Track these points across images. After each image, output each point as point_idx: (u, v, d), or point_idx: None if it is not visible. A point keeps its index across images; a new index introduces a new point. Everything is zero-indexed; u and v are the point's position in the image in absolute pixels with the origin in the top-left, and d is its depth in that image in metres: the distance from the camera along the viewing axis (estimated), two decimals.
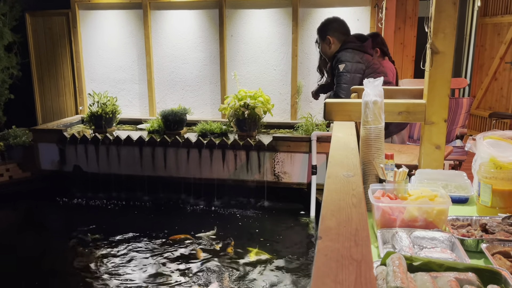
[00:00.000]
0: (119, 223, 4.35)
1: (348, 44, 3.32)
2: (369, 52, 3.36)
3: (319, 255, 0.77)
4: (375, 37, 3.50)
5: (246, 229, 4.15)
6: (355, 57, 3.25)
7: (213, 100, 5.44)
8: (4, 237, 4.17)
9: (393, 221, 1.49)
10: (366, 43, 3.36)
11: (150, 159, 4.79)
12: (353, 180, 1.18)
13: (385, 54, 3.55)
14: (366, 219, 0.93)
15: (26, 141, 4.91)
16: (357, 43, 3.33)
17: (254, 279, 3.24)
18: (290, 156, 4.54)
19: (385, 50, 3.56)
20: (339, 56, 3.29)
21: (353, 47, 3.30)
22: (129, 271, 3.39)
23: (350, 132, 1.79)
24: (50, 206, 4.78)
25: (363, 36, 3.45)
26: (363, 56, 3.28)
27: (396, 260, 1.12)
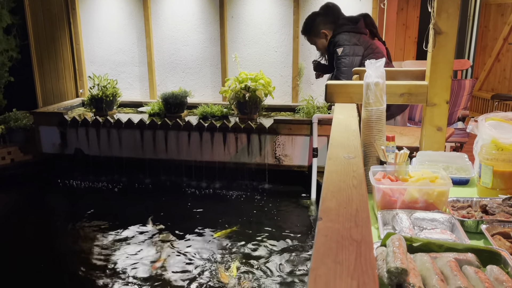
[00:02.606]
0: (121, 205, 4.37)
1: (343, 27, 3.29)
2: (364, 31, 3.32)
3: (319, 235, 0.78)
4: (365, 18, 3.45)
5: (247, 211, 4.18)
6: (352, 39, 3.21)
7: (214, 83, 5.41)
8: (6, 219, 4.21)
9: (394, 202, 1.49)
10: (359, 23, 3.32)
11: (151, 142, 4.79)
12: (354, 161, 1.18)
13: (375, 35, 3.50)
14: (366, 200, 0.94)
15: (27, 124, 4.91)
16: (350, 25, 3.30)
17: (255, 260, 3.28)
18: (291, 139, 4.53)
19: (375, 31, 3.51)
20: (336, 39, 3.25)
21: (348, 30, 3.26)
22: (131, 253, 3.42)
23: (351, 114, 1.78)
24: (52, 189, 4.81)
25: (355, 17, 3.41)
26: (360, 37, 3.25)
27: (396, 241, 1.13)
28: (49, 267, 3.30)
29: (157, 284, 2.99)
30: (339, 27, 3.29)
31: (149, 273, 3.12)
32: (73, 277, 3.17)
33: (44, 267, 3.29)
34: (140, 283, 3.01)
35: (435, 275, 1.04)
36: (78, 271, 3.20)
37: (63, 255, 3.52)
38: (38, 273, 3.22)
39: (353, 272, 0.66)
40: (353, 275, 0.66)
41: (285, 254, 3.35)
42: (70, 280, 3.14)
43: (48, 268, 3.29)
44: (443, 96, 2.03)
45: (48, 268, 3.29)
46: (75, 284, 3.06)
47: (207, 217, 3.98)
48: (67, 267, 3.33)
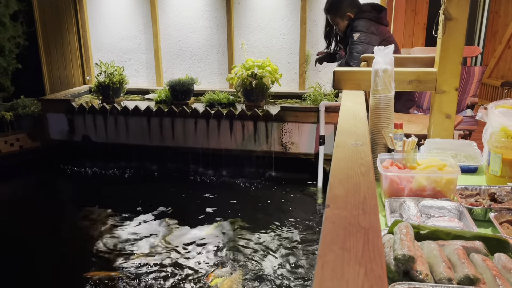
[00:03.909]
0: (128, 192, 4.41)
1: (364, 13, 3.24)
2: (384, 23, 3.28)
3: (326, 222, 0.78)
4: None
5: (254, 199, 4.19)
6: (370, 27, 3.18)
7: (221, 70, 5.39)
8: (15, 205, 4.26)
9: (401, 190, 1.49)
10: (382, 14, 3.27)
11: (158, 129, 4.80)
12: (361, 149, 1.17)
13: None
14: (374, 187, 0.93)
15: (35, 111, 4.93)
16: (373, 13, 3.25)
17: (261, 248, 3.30)
18: (298, 126, 4.52)
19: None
20: (355, 24, 3.21)
21: (369, 17, 3.22)
22: (137, 239, 3.46)
23: (359, 101, 1.77)
24: (60, 175, 4.85)
25: (379, 6, 3.36)
26: (378, 27, 3.21)
27: (403, 229, 1.13)
28: (56, 252, 3.34)
29: (161, 270, 3.02)
30: (361, 13, 3.24)
31: (153, 259, 3.16)
32: (79, 262, 3.21)
33: (52, 252, 3.34)
34: (145, 269, 3.04)
35: (442, 262, 1.04)
36: (84, 256, 3.24)
37: (70, 239, 3.57)
38: (45, 257, 3.27)
39: (361, 259, 0.66)
40: (361, 262, 0.66)
41: (291, 241, 3.37)
42: (77, 264, 3.19)
43: (55, 252, 3.34)
44: (452, 83, 2.00)
45: (55, 253, 3.33)
46: (81, 268, 3.10)
47: (213, 205, 4.00)
48: (74, 251, 3.37)
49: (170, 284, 2.86)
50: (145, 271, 3.01)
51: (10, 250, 3.40)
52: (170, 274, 2.98)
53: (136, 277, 2.94)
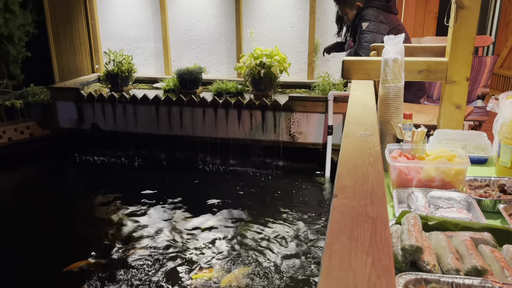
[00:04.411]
0: (136, 180, 4.44)
1: (372, 2, 3.20)
2: (394, 11, 3.24)
3: (334, 212, 0.78)
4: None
5: (261, 188, 4.21)
6: (379, 16, 3.14)
7: (229, 59, 5.37)
8: (25, 192, 4.32)
9: (410, 181, 1.48)
10: (391, 2, 3.23)
11: (166, 118, 4.81)
12: (370, 139, 1.17)
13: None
14: (382, 178, 0.93)
15: (45, 99, 4.97)
16: (382, 2, 3.21)
17: (269, 237, 3.32)
18: (306, 116, 4.50)
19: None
20: (364, 13, 3.18)
21: (378, 6, 3.18)
22: (144, 227, 3.49)
23: (368, 91, 1.76)
24: (69, 163, 4.90)
25: None
26: (387, 16, 3.17)
27: (411, 219, 1.13)
28: (65, 238, 3.39)
29: (166, 258, 3.05)
30: (370, 1, 3.21)
31: (159, 247, 3.19)
32: (85, 247, 3.26)
33: (61, 238, 3.39)
34: (150, 256, 3.08)
35: (450, 253, 1.04)
36: (93, 242, 3.28)
37: (77, 225, 3.62)
38: (52, 242, 3.32)
39: (368, 249, 0.66)
40: (368, 252, 0.66)
41: (298, 231, 3.38)
42: (83, 249, 3.23)
43: (64, 239, 3.39)
44: (463, 73, 1.97)
45: (64, 240, 3.38)
46: (87, 252, 3.15)
47: (221, 194, 4.02)
48: (82, 238, 3.42)
49: (174, 273, 2.89)
50: (150, 258, 3.05)
51: (19, 235, 3.45)
52: (175, 262, 3.01)
53: (141, 263, 2.98)
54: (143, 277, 2.84)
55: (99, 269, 2.93)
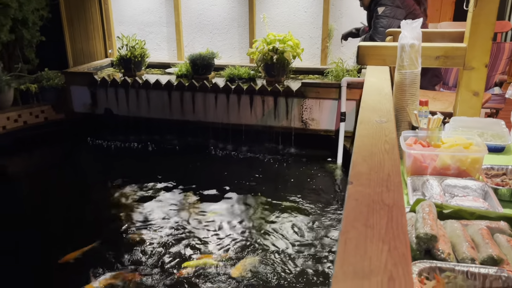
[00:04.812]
0: (148, 165, 4.47)
1: None
2: None
3: (349, 199, 0.77)
4: None
5: (273, 175, 4.21)
6: (395, 1, 3.08)
7: (241, 44, 5.33)
8: (39, 176, 4.38)
9: (425, 168, 1.46)
10: None
11: (179, 104, 4.82)
12: (386, 126, 1.15)
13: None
14: (398, 165, 0.92)
15: (59, 84, 5.00)
16: None
17: (280, 224, 3.32)
18: (319, 102, 4.47)
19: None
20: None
21: None
22: (155, 211, 3.52)
23: (383, 77, 1.73)
24: (83, 147, 4.95)
25: None
26: (404, 1, 3.11)
27: (426, 207, 1.12)
28: (78, 223, 3.44)
29: (176, 242, 3.08)
30: None
31: (173, 233, 3.22)
32: (97, 228, 3.32)
33: (74, 222, 3.44)
34: (161, 239, 3.11)
35: (465, 242, 1.03)
36: (104, 225, 3.33)
37: (91, 208, 3.67)
38: (65, 224, 3.38)
39: (384, 236, 0.66)
40: (384, 239, 0.65)
41: (310, 218, 3.38)
42: (95, 230, 3.29)
43: (76, 220, 3.43)
44: (482, 59, 1.93)
45: (75, 221, 3.43)
46: (99, 233, 3.20)
47: (232, 180, 4.03)
48: (94, 220, 3.47)
49: (181, 257, 2.91)
50: (159, 243, 3.08)
51: (33, 216, 3.52)
52: (183, 247, 3.02)
53: (150, 247, 3.01)
54: (151, 261, 2.86)
55: (108, 252, 2.98)
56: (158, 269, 2.79)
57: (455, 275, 0.95)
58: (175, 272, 2.73)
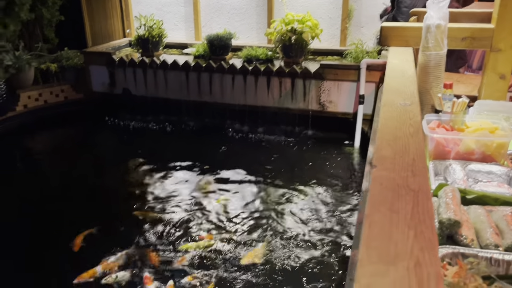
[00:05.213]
0: (165, 146, 4.51)
1: None
2: None
3: (374, 183, 0.76)
4: None
5: (289, 157, 4.20)
6: None
7: (259, 25, 5.26)
8: (58, 154, 4.46)
9: (447, 153, 1.44)
10: None
11: (196, 84, 4.81)
12: (410, 109, 1.13)
13: None
14: (423, 149, 0.90)
15: (78, 63, 5.04)
16: None
17: (296, 207, 3.33)
18: (337, 84, 4.41)
19: None
20: None
21: None
22: (170, 192, 3.55)
23: (407, 58, 1.69)
24: (101, 127, 5.01)
25: None
26: None
27: (449, 192, 1.10)
28: (96, 201, 3.51)
29: (190, 220, 3.12)
30: None
31: (187, 213, 3.25)
32: (116, 203, 3.40)
33: (91, 201, 3.50)
34: (176, 216, 3.15)
35: (489, 228, 1.01)
36: (121, 204, 3.39)
37: (109, 186, 3.74)
38: (85, 200, 3.45)
39: (410, 222, 0.65)
40: (410, 224, 0.64)
41: (326, 202, 3.37)
42: (114, 205, 3.38)
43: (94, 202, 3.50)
44: (509, 41, 1.86)
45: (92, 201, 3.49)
46: (116, 208, 3.27)
47: (248, 162, 4.03)
48: (111, 200, 3.54)
49: (193, 237, 2.94)
50: (174, 221, 3.12)
51: (55, 194, 3.60)
52: (199, 226, 3.06)
53: (161, 227, 3.06)
54: (161, 240, 2.89)
55: (121, 229, 3.06)
56: (167, 249, 2.82)
57: (478, 261, 0.94)
58: (180, 254, 2.75)
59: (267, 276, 2.55)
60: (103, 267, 2.62)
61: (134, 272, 2.60)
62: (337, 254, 2.75)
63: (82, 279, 2.52)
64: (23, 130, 4.72)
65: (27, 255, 2.81)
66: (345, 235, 2.94)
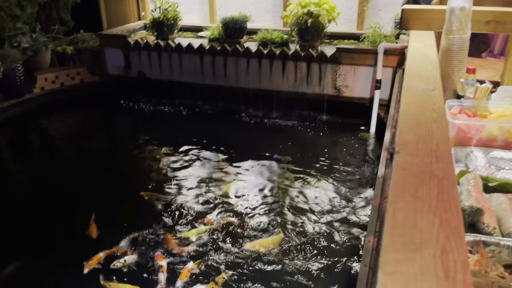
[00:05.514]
0: (179, 129, 4.52)
1: None
2: None
3: (397, 169, 0.74)
4: None
5: (303, 142, 4.17)
6: None
7: (275, 7, 5.19)
8: (75, 137, 4.52)
9: (469, 139, 1.41)
10: None
11: (211, 68, 4.79)
12: (433, 94, 1.10)
13: None
14: (448, 135, 0.88)
15: (94, 46, 5.05)
16: None
17: (309, 193, 3.32)
18: (354, 69, 4.34)
19: None
20: None
21: None
22: (182, 175, 3.57)
23: (429, 42, 1.64)
24: (117, 110, 5.04)
25: None
26: None
27: (471, 180, 1.08)
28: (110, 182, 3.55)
29: (202, 203, 3.14)
30: None
31: (198, 192, 3.27)
32: (132, 184, 3.44)
33: (106, 181, 3.55)
34: (188, 198, 3.18)
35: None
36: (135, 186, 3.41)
37: (123, 169, 3.79)
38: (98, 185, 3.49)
39: (435, 209, 0.63)
40: (435, 211, 0.63)
41: (340, 188, 3.35)
42: (130, 186, 3.41)
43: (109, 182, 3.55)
44: None
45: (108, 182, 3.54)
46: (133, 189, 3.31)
47: (262, 146, 4.02)
48: (125, 181, 3.57)
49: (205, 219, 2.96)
50: (188, 200, 3.16)
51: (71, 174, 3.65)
52: (211, 208, 3.08)
53: (180, 203, 3.10)
54: (171, 223, 2.92)
55: (144, 200, 3.11)
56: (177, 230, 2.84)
57: (499, 250, 0.93)
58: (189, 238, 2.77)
59: (279, 263, 2.57)
60: (113, 251, 2.63)
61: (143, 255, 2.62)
62: (351, 240, 2.75)
63: (90, 267, 2.49)
64: (40, 112, 4.77)
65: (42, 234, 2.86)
66: (358, 221, 2.93)
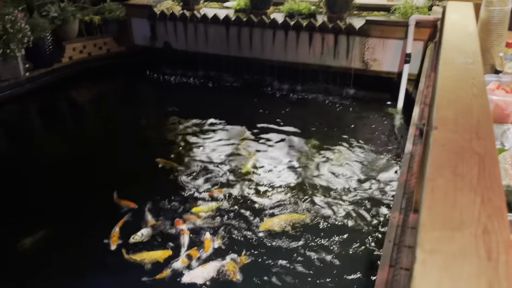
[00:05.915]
0: (204, 101, 4.52)
1: None
2: None
3: (435, 145, 0.72)
4: None
5: (329, 117, 4.12)
6: None
7: None
8: (102, 106, 4.59)
9: (506, 116, 1.35)
10: None
11: (236, 39, 4.74)
12: (472, 67, 1.05)
13: None
14: (489, 111, 0.84)
15: (120, 16, 5.05)
16: None
17: (334, 169, 3.29)
18: (383, 42, 4.22)
19: None
20: None
21: None
22: (206, 143, 3.61)
23: (467, 14, 1.57)
24: (142, 80, 5.07)
25: None
26: None
27: (508, 158, 1.04)
28: (136, 151, 3.63)
29: (221, 174, 3.17)
30: None
31: (217, 162, 3.31)
32: (152, 149, 3.55)
33: (133, 151, 3.62)
34: (207, 168, 3.22)
35: None
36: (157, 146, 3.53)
37: (147, 139, 3.87)
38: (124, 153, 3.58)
39: (476, 187, 0.61)
40: (476, 190, 0.61)
41: (366, 164, 3.31)
42: (150, 151, 3.51)
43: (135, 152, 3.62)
44: None
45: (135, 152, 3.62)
46: (152, 155, 3.39)
47: (287, 120, 3.98)
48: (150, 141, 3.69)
49: (224, 189, 2.99)
50: (206, 170, 3.22)
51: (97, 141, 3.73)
52: (231, 181, 3.10)
53: (198, 172, 3.17)
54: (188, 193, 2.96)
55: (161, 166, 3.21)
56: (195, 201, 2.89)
57: None
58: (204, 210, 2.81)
59: (300, 237, 2.58)
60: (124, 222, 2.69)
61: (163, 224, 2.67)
62: (376, 216, 2.73)
63: (115, 243, 2.51)
64: (69, 81, 4.85)
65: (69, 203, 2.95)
66: (384, 197, 2.91)
